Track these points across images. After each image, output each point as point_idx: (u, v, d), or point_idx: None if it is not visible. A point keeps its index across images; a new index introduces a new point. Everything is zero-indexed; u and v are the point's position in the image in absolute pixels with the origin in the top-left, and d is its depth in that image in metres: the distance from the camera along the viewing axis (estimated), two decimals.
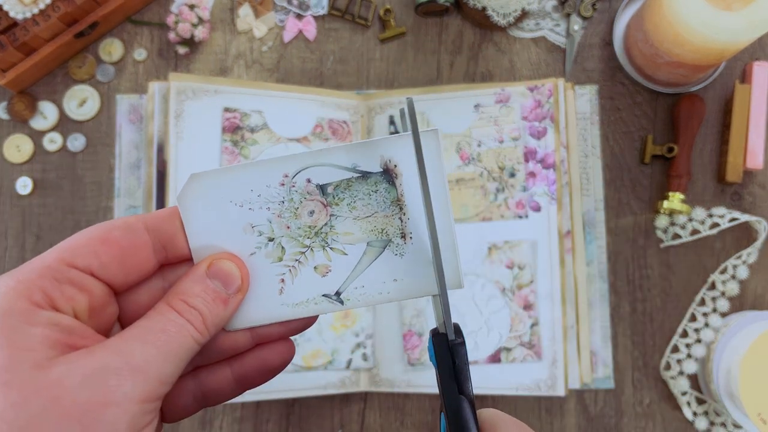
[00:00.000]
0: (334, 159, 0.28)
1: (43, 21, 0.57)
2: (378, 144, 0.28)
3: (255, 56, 0.62)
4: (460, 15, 0.63)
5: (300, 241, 0.29)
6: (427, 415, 0.59)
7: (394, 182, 0.28)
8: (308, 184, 0.28)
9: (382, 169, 0.28)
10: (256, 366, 0.30)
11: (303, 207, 0.28)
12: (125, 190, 0.60)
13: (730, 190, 0.60)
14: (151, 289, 0.29)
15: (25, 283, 0.25)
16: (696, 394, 0.58)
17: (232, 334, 0.29)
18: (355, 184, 0.28)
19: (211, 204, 0.28)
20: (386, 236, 0.28)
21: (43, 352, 0.23)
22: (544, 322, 0.56)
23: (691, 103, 0.59)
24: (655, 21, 0.54)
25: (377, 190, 0.28)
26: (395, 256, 0.28)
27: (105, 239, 0.27)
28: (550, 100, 0.58)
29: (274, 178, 0.28)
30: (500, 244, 0.58)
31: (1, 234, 0.61)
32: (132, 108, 0.61)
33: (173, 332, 0.26)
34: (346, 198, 0.28)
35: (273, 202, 0.28)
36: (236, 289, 0.28)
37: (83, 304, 0.26)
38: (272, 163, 0.28)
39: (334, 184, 0.28)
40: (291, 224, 0.28)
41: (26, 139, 0.61)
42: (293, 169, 0.28)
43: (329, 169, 0.28)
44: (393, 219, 0.28)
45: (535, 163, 0.58)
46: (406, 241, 0.28)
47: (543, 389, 0.56)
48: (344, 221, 0.28)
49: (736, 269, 0.58)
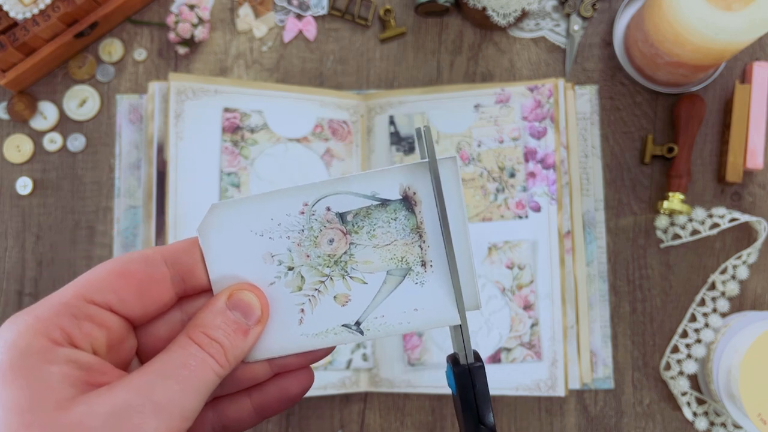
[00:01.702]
0: (354, 187, 0.28)
1: (43, 21, 0.57)
2: (397, 171, 0.28)
3: (255, 56, 0.62)
4: (460, 15, 0.63)
5: (320, 270, 0.28)
6: (427, 415, 0.59)
7: (414, 210, 0.28)
8: (328, 212, 0.28)
9: (401, 197, 0.28)
10: (276, 395, 0.30)
11: (323, 235, 0.28)
12: (125, 190, 0.60)
13: (731, 190, 0.60)
14: (170, 321, 0.29)
15: (43, 320, 0.24)
16: (696, 395, 0.58)
17: (251, 365, 0.29)
18: (374, 212, 0.28)
19: (232, 233, 0.28)
20: (406, 264, 0.28)
21: (63, 391, 0.23)
22: (544, 322, 0.56)
23: (692, 103, 0.59)
24: (655, 21, 0.54)
25: (397, 217, 0.28)
26: (415, 284, 0.28)
27: (123, 273, 0.26)
28: (550, 100, 0.58)
29: (294, 206, 0.28)
30: (500, 244, 0.57)
31: (1, 234, 0.61)
32: (132, 108, 0.61)
33: (195, 367, 0.25)
34: (365, 226, 0.28)
35: (293, 230, 0.28)
36: (256, 320, 0.28)
37: (102, 340, 0.26)
38: (292, 192, 0.28)
39: (354, 212, 0.28)
40: (311, 253, 0.28)
41: (26, 139, 0.61)
42: (313, 197, 0.28)
43: (349, 197, 0.28)
44: (413, 247, 0.28)
45: (535, 164, 0.58)
46: (426, 270, 0.28)
47: (543, 389, 0.56)
48: (364, 249, 0.28)
49: (736, 269, 0.58)
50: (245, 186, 0.57)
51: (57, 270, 0.60)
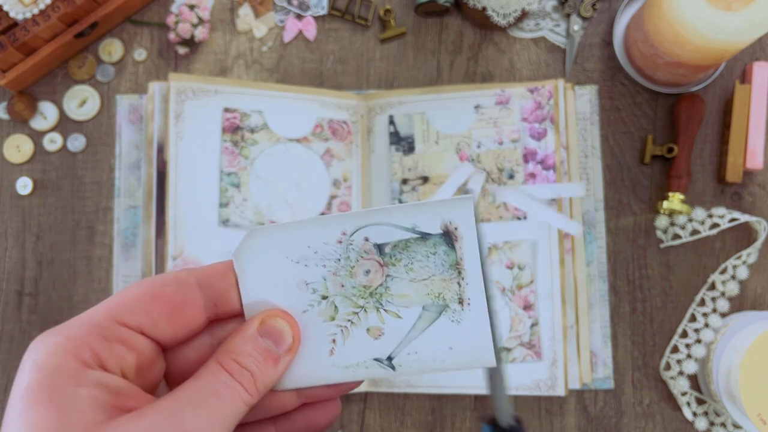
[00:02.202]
0: (394, 219, 0.27)
1: (43, 21, 0.57)
2: (439, 206, 0.27)
3: (255, 56, 0.62)
4: (460, 15, 0.63)
5: (354, 301, 0.28)
6: (427, 415, 0.59)
7: (454, 245, 0.27)
8: (366, 242, 0.28)
9: (442, 231, 0.27)
10: (302, 425, 0.29)
11: (359, 266, 0.28)
12: (125, 190, 0.60)
13: (730, 190, 0.60)
14: (199, 345, 0.28)
15: (73, 340, 0.24)
16: (696, 395, 0.58)
17: (278, 394, 0.28)
18: (413, 245, 0.27)
19: (267, 259, 0.28)
20: (443, 301, 0.27)
21: (91, 415, 0.23)
22: (544, 322, 0.56)
23: (692, 104, 0.59)
24: (655, 21, 0.54)
25: (436, 252, 0.27)
26: (451, 322, 0.27)
27: (157, 296, 0.26)
28: (550, 102, 0.58)
29: (332, 235, 0.28)
30: (500, 244, 0.58)
31: (2, 234, 0.61)
32: (132, 108, 0.61)
33: (225, 395, 0.25)
34: (403, 259, 0.28)
35: (329, 259, 0.28)
36: (287, 349, 0.27)
37: (132, 363, 0.25)
38: (331, 221, 0.28)
39: (392, 243, 0.27)
40: (346, 283, 0.28)
41: (26, 139, 0.61)
42: (352, 227, 0.27)
43: (388, 229, 0.27)
44: (451, 283, 0.27)
45: (536, 164, 0.58)
46: (463, 308, 0.27)
47: (543, 389, 0.56)
48: (400, 282, 0.28)
49: (736, 269, 0.58)
50: (245, 186, 0.57)
51: (57, 270, 0.60)
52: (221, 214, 0.55)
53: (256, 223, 0.56)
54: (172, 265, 0.53)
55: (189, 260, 0.54)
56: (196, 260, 0.55)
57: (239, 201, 0.56)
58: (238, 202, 0.56)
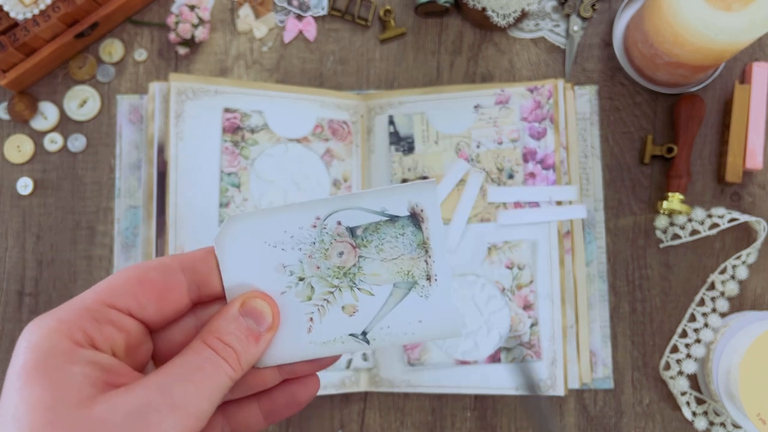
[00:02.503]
0: (364, 203, 0.29)
1: (44, 21, 0.57)
2: (406, 189, 0.29)
3: (255, 57, 0.62)
4: (460, 15, 0.63)
5: (329, 282, 0.30)
6: (427, 415, 0.59)
7: (421, 226, 0.29)
8: (338, 226, 0.29)
9: (409, 214, 0.29)
10: (284, 401, 0.31)
11: (333, 248, 0.30)
12: (126, 190, 0.60)
13: (730, 190, 0.60)
14: (184, 326, 0.30)
15: (66, 322, 0.26)
16: (695, 394, 0.58)
17: (260, 371, 0.30)
18: (383, 227, 0.29)
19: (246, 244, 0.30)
20: (412, 278, 0.29)
21: (84, 390, 0.24)
22: (544, 322, 0.56)
23: (691, 104, 0.59)
24: (654, 21, 0.54)
25: (404, 233, 0.30)
26: (420, 297, 0.29)
27: (143, 280, 0.28)
28: (549, 101, 0.58)
29: (307, 220, 0.30)
30: (500, 244, 0.58)
31: (2, 234, 0.61)
32: (132, 108, 0.61)
33: (209, 370, 0.26)
34: (374, 240, 0.30)
35: (305, 243, 0.29)
36: (268, 327, 0.29)
37: (121, 343, 0.27)
38: (305, 206, 0.30)
39: (363, 226, 0.29)
40: (321, 264, 0.30)
41: (27, 140, 0.61)
42: (325, 212, 0.29)
43: (359, 213, 0.29)
44: (419, 261, 0.29)
45: (535, 164, 0.58)
46: (431, 283, 0.30)
47: (543, 389, 0.56)
48: (372, 263, 0.30)
49: (735, 269, 0.58)
50: (245, 186, 0.57)
51: (57, 270, 0.61)
52: (221, 214, 0.55)
53: None
54: None
55: None
56: None
57: (239, 201, 0.56)
58: (238, 202, 0.56)
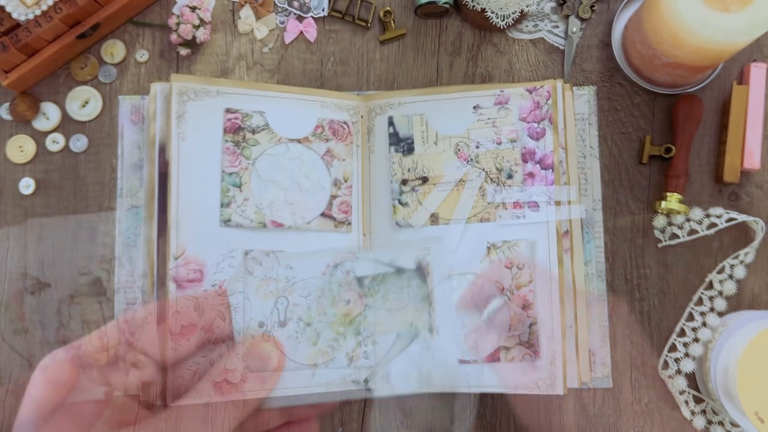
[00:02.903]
0: (374, 254, 0.29)
1: (46, 22, 0.57)
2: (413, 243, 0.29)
3: (256, 57, 0.63)
4: (459, 16, 0.63)
5: (335, 328, 0.30)
6: (427, 415, 0.59)
7: (426, 280, 0.29)
8: (347, 275, 0.29)
9: (415, 267, 0.29)
10: None
11: (341, 296, 0.30)
12: (127, 191, 0.61)
13: (728, 190, 0.61)
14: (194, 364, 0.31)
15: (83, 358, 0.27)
16: (694, 393, 0.58)
17: (265, 412, 0.31)
18: (390, 278, 0.29)
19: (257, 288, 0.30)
20: (415, 329, 0.29)
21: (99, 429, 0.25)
22: (543, 321, 0.57)
23: (689, 104, 0.59)
24: (653, 22, 0.54)
25: (410, 285, 0.29)
26: (422, 348, 0.29)
27: None
28: (548, 102, 0.59)
29: (317, 268, 0.30)
30: (499, 243, 0.58)
31: (3, 234, 0.61)
32: (134, 109, 0.62)
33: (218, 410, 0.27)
34: (380, 290, 0.29)
35: (314, 289, 0.29)
36: (273, 370, 0.30)
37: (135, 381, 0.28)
38: (317, 255, 0.30)
39: (371, 277, 0.29)
40: (328, 311, 0.30)
41: (29, 140, 0.62)
42: (335, 261, 0.29)
43: (368, 263, 0.29)
44: (422, 313, 0.29)
45: (534, 164, 0.58)
46: (433, 336, 0.29)
47: (542, 388, 0.56)
48: (377, 312, 0.30)
49: (733, 269, 0.59)
50: (246, 186, 0.57)
51: (59, 270, 0.61)
52: (223, 214, 0.56)
53: (257, 222, 0.56)
54: (174, 264, 0.54)
55: (191, 259, 0.55)
56: (198, 259, 0.55)
57: (241, 201, 0.57)
58: (239, 202, 0.56)
